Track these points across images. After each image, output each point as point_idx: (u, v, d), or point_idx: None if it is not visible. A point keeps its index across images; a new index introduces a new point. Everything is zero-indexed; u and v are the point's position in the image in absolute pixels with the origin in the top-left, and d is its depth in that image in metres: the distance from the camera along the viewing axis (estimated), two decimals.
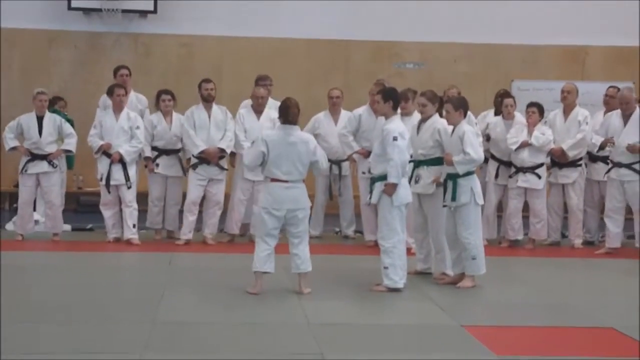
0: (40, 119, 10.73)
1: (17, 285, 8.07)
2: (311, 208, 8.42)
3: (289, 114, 7.92)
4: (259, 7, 14.13)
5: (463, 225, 8.37)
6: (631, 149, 10.48)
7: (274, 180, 7.84)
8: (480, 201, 8.52)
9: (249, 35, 14.23)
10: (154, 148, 10.91)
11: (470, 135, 8.37)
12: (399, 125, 8.16)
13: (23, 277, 8.54)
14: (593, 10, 14.25)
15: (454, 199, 8.37)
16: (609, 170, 10.78)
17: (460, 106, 8.49)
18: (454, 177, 8.40)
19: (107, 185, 10.63)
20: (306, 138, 8.06)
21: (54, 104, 12.28)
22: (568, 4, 14.28)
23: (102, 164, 10.69)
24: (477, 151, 8.38)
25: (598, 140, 10.86)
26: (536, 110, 10.94)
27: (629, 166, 10.56)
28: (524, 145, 10.84)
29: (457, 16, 14.31)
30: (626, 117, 10.63)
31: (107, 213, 10.78)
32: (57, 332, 6.45)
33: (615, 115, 10.78)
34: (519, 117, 11.21)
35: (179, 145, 10.95)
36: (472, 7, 14.30)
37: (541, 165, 10.96)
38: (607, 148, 10.79)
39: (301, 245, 7.94)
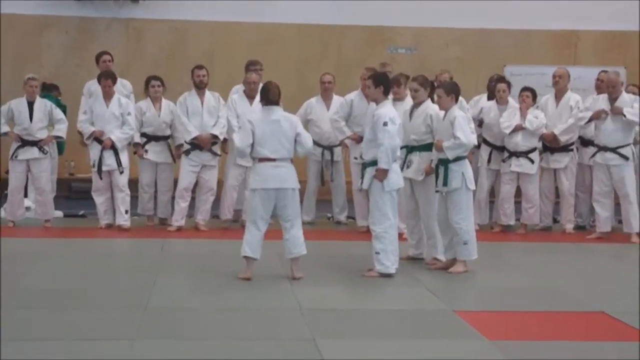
0: (30, 105, 10.70)
1: (9, 272, 8.03)
2: (303, 194, 8.41)
3: (269, 95, 7.99)
4: None
5: (454, 210, 8.38)
6: (616, 110, 10.47)
7: (261, 160, 7.86)
8: (472, 186, 8.51)
9: (241, 20, 14.17)
10: (142, 134, 10.90)
11: (461, 120, 8.36)
12: (389, 111, 8.15)
13: (14, 263, 8.50)
14: None
15: (445, 184, 8.38)
16: (594, 154, 10.78)
17: (451, 91, 8.49)
18: (445, 163, 8.40)
19: (99, 171, 10.61)
20: (289, 116, 8.13)
21: (50, 90, 12.20)
22: None
23: (94, 151, 10.67)
24: (467, 136, 8.36)
25: (587, 114, 10.77)
26: (530, 95, 10.92)
27: (614, 150, 10.57)
28: (518, 129, 10.83)
29: (449, 1, 14.27)
30: (612, 101, 10.61)
31: (99, 199, 10.77)
32: (49, 318, 6.45)
33: (602, 99, 10.75)
34: (512, 102, 11.21)
35: (168, 132, 10.95)
36: None
37: (534, 149, 10.96)
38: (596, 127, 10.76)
39: (293, 230, 7.95)
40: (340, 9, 14.23)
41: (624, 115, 10.40)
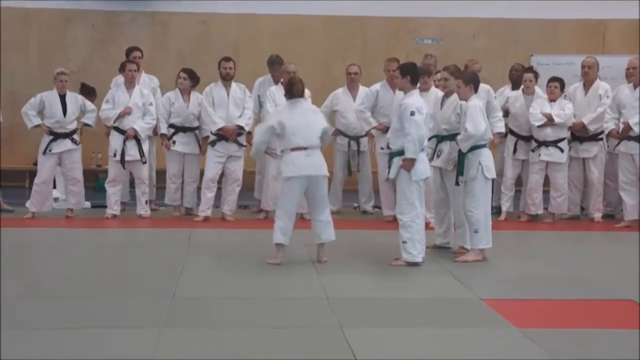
0: (62, 98, 10.74)
1: (36, 261, 8.12)
2: (330, 183, 8.46)
3: (293, 90, 8.20)
4: None
5: (468, 197, 8.35)
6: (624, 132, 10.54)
7: (294, 149, 7.98)
8: (490, 175, 8.37)
9: (265, 12, 14.19)
10: (170, 125, 10.94)
11: (472, 111, 8.25)
12: (416, 100, 8.12)
13: (42, 252, 8.59)
14: None
15: (461, 173, 8.35)
16: (618, 143, 10.72)
17: (470, 81, 8.42)
18: (462, 152, 8.38)
19: (122, 161, 10.68)
20: (314, 107, 8.50)
21: (89, 95, 12.02)
22: None
23: (116, 140, 10.76)
24: (476, 126, 8.21)
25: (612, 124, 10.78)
26: (558, 86, 10.84)
27: (637, 139, 10.49)
28: (548, 124, 10.73)
29: None
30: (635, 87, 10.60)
31: (112, 190, 10.87)
32: (77, 306, 6.48)
33: (628, 88, 10.69)
34: (540, 91, 11.13)
35: (196, 124, 10.98)
36: None
37: (563, 139, 10.88)
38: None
39: (323, 216, 8.13)
40: (366, 0, 14.19)
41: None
